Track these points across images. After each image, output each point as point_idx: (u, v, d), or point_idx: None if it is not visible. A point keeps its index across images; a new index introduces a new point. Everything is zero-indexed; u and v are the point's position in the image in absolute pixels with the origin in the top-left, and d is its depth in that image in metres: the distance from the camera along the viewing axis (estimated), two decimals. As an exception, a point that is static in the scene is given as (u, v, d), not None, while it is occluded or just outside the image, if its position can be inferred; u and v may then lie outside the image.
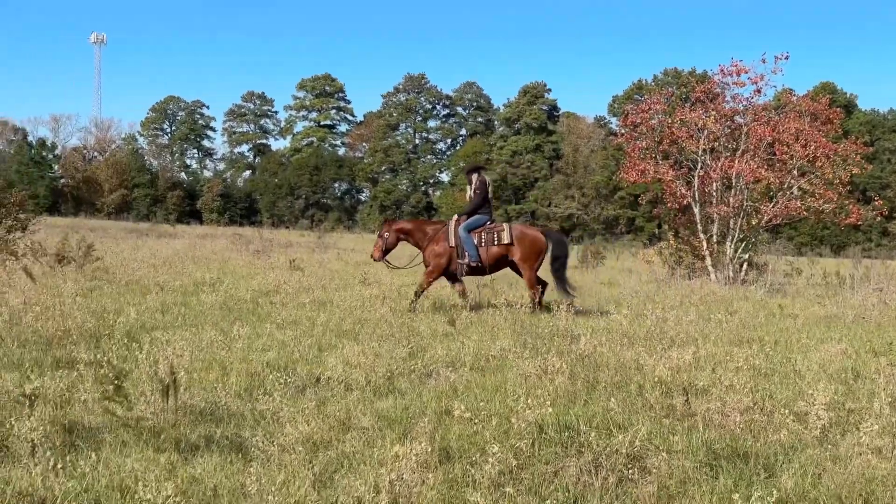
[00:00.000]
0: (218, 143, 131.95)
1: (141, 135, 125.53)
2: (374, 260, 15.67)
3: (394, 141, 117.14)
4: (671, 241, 25.49)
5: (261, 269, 20.24)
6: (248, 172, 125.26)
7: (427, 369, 8.83)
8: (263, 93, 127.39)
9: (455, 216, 15.17)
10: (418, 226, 15.73)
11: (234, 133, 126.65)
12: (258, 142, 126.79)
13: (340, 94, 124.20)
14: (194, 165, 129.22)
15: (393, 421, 6.68)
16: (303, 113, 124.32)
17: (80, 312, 10.19)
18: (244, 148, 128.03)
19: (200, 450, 5.77)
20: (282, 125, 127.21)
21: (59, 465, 5.09)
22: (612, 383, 8.23)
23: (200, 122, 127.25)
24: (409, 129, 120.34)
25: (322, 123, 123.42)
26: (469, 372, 8.82)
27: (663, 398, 7.54)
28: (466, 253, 14.57)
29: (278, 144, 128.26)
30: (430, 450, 5.63)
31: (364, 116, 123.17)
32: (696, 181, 23.52)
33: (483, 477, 5.30)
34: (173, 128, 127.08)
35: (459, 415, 6.13)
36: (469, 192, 15.42)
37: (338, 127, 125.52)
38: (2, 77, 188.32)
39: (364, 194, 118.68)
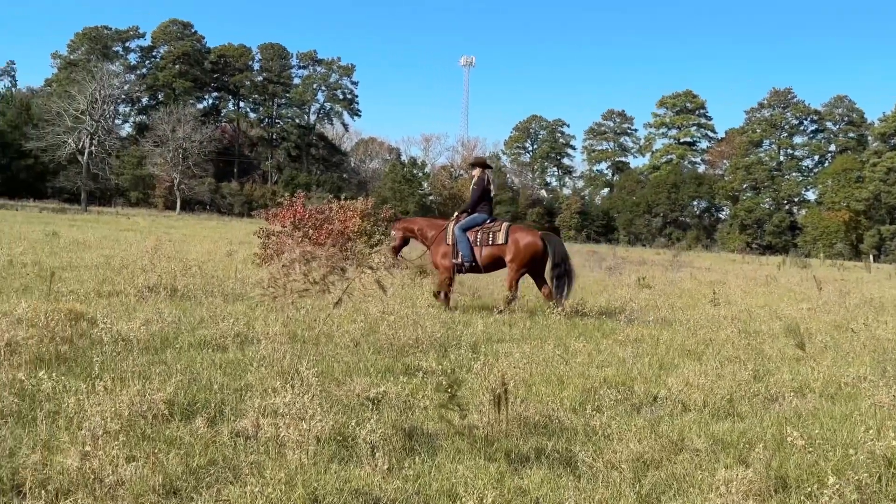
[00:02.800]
0: (577, 160, 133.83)
1: (504, 153, 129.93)
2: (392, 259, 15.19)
3: (756, 158, 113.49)
4: None
5: (610, 286, 20.25)
6: (606, 190, 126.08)
7: (771, 394, 8.44)
8: (623, 111, 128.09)
9: (455, 214, 14.91)
10: (423, 224, 15.41)
11: (594, 151, 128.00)
12: (617, 159, 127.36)
13: (701, 111, 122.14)
14: (554, 183, 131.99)
15: (728, 445, 6.43)
16: (662, 130, 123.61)
17: (431, 323, 10.63)
18: (603, 166, 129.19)
19: (530, 461, 5.83)
20: (641, 143, 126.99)
21: (394, 468, 5.35)
22: (983, 419, 7.46)
23: (561, 140, 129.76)
24: (773, 146, 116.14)
25: (682, 140, 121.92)
26: (817, 399, 8.34)
27: None
28: (460, 253, 14.25)
29: (637, 162, 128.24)
30: (764, 477, 5.37)
31: (725, 133, 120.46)
32: None
33: (819, 510, 4.98)
34: (535, 146, 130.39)
35: (792, 441, 5.80)
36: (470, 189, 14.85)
37: (698, 144, 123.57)
38: (381, 100, 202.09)
39: (724, 212, 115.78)
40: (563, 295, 14.04)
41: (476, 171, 15.04)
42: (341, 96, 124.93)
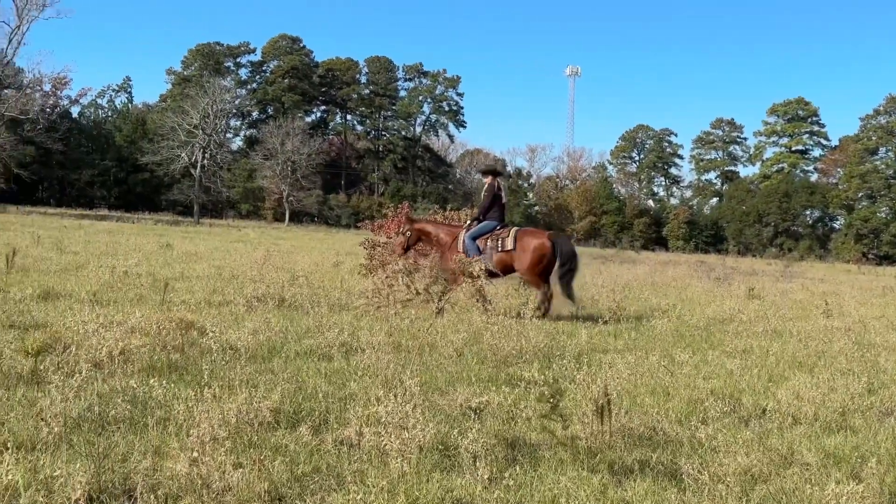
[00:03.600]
0: (685, 170, 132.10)
1: (610, 163, 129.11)
2: (398, 256, 15.53)
3: (872, 166, 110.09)
4: None
5: (718, 297, 19.91)
6: (714, 200, 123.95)
7: (886, 407, 8.19)
8: (733, 119, 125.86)
9: (468, 221, 15.13)
10: (437, 229, 15.53)
11: (702, 160, 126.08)
12: (726, 168, 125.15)
13: (814, 119, 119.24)
14: (661, 193, 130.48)
15: (840, 459, 6.26)
16: (773, 138, 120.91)
17: (534, 333, 10.57)
18: (711, 175, 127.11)
19: (634, 473, 5.75)
20: (751, 151, 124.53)
21: (495, 477, 5.34)
22: None
23: (668, 149, 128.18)
24: (889, 153, 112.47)
25: (793, 149, 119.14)
26: (936, 413, 8.06)
27: None
28: None
29: (747, 171, 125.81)
30: (878, 493, 5.22)
31: (839, 141, 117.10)
32: None
33: (935, 528, 4.81)
34: (641, 156, 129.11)
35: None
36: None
37: (810, 152, 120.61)
38: (486, 111, 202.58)
39: (838, 222, 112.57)
40: (570, 293, 14.13)
41: (487, 179, 15.14)
42: (447, 108, 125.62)
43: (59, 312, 10.69)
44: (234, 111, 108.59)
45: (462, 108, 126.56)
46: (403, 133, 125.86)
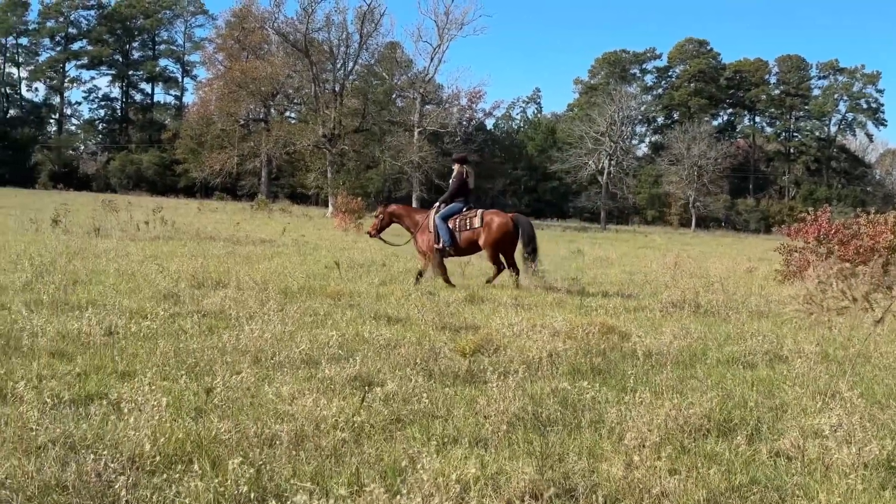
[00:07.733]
0: None
1: None
2: (370, 236, 17.01)
3: None
4: None
5: None
6: None
7: None
8: None
9: (436, 204, 16.06)
10: (407, 212, 16.91)
11: None
12: None
13: None
14: None
15: None
16: None
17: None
18: None
19: None
20: None
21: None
22: None
23: None
24: None
25: None
26: None
27: None
28: (441, 239, 15.41)
29: None
30: None
31: None
32: None
33: None
34: None
35: None
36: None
37: None
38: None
39: None
40: (534, 263, 15.30)
41: (456, 166, 16.23)
42: (865, 105, 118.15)
43: (484, 315, 11.22)
44: (640, 117, 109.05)
45: (882, 105, 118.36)
46: (816, 133, 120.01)
